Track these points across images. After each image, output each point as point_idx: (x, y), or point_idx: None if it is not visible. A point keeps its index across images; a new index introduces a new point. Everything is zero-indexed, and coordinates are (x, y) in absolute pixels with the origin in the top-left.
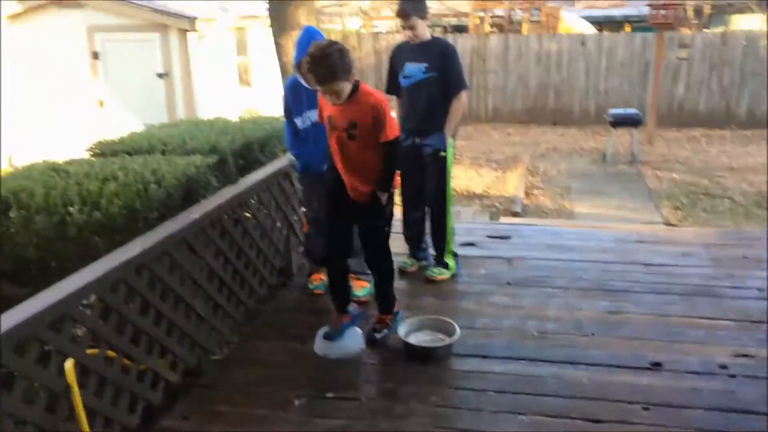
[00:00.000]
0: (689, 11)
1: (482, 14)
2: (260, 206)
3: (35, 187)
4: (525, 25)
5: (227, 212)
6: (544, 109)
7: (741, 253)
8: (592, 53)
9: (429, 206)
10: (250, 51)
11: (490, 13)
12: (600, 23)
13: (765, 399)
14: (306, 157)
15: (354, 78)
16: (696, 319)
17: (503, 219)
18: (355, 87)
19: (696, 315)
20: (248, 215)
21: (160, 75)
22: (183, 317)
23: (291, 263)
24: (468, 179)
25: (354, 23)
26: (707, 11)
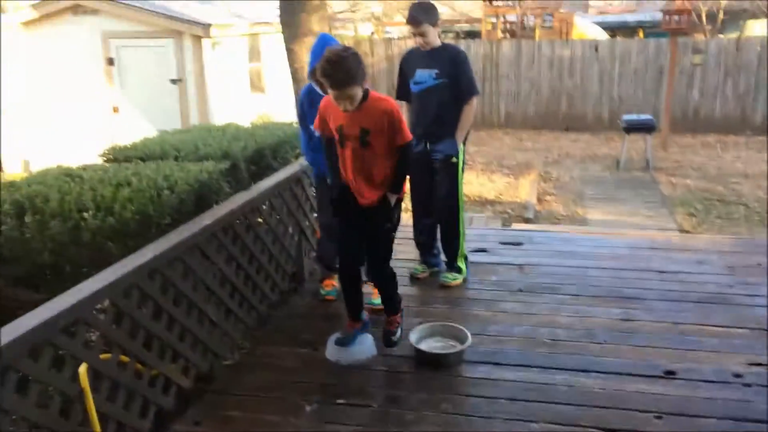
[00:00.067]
0: (703, 17)
1: (495, 20)
2: (272, 212)
3: (50, 193)
4: (538, 31)
5: (239, 218)
6: (557, 115)
7: (756, 261)
8: (606, 59)
9: (440, 212)
10: (263, 57)
11: (503, 19)
12: (613, 29)
13: None
14: (320, 164)
15: (366, 85)
16: (710, 327)
17: (515, 225)
18: (366, 94)
19: (710, 323)
20: (260, 221)
21: (174, 81)
22: (195, 322)
23: (303, 269)
24: (480, 185)
25: (366, 29)
26: (721, 17)
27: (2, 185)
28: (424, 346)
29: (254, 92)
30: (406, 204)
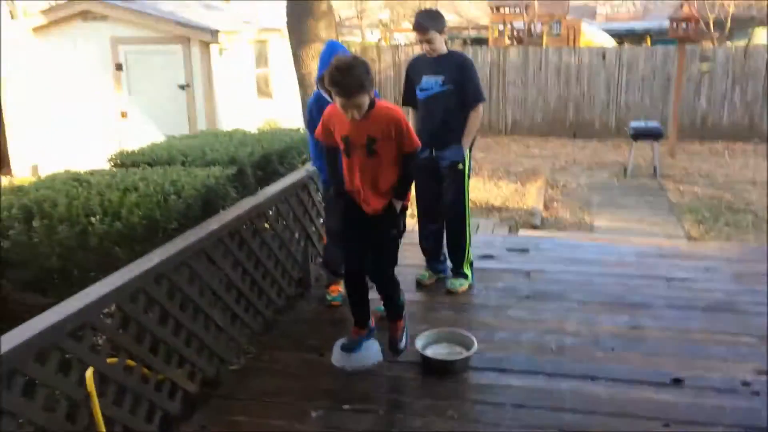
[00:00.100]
0: (711, 24)
1: (502, 27)
2: (278, 217)
3: (58, 197)
4: (545, 38)
5: (246, 223)
6: (564, 122)
7: (764, 269)
8: (613, 66)
9: (446, 218)
10: (271, 63)
11: (510, 26)
12: (621, 36)
13: None
14: None
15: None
16: (718, 335)
17: (522, 232)
18: (372, 102)
19: (718, 331)
20: (267, 226)
21: (182, 86)
22: (201, 327)
23: (309, 274)
24: (487, 191)
25: (374, 35)
26: (729, 24)
27: (11, 190)
28: (430, 353)
29: (261, 98)
30: (412, 210)
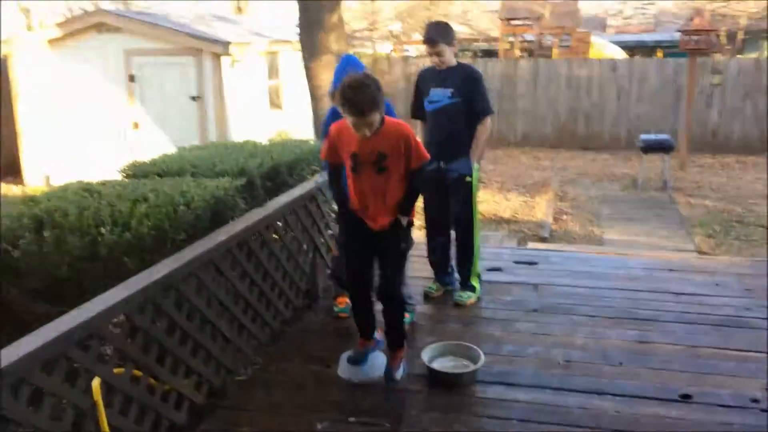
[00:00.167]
0: (722, 37)
1: (512, 39)
2: (287, 228)
3: (69, 208)
4: (555, 50)
5: (254, 234)
6: (574, 134)
7: None
8: (623, 78)
9: (455, 231)
10: (282, 74)
11: (520, 38)
12: (631, 48)
13: None
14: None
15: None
16: (727, 351)
17: (531, 244)
18: (381, 118)
19: (727, 346)
20: (275, 237)
21: (194, 98)
22: (209, 338)
23: (317, 285)
24: (496, 204)
25: (384, 47)
26: (741, 37)
27: (22, 200)
28: (437, 366)
29: (272, 109)
30: (421, 221)
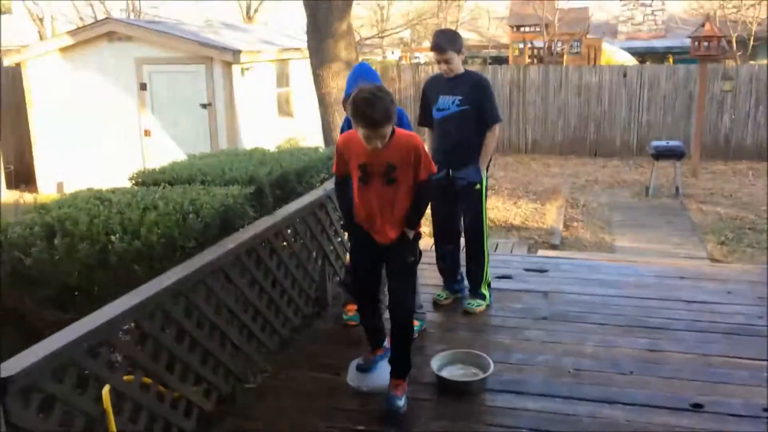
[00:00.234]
0: (733, 43)
1: (522, 46)
2: (296, 236)
3: (80, 216)
4: (565, 57)
5: (263, 242)
6: (585, 141)
7: None
8: (634, 85)
9: (465, 239)
10: (292, 82)
11: (530, 45)
12: (642, 55)
13: None
14: None
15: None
16: (739, 360)
17: (541, 252)
18: (392, 130)
19: (739, 355)
20: (284, 245)
21: (204, 105)
22: (218, 345)
23: (326, 293)
24: (506, 210)
25: (394, 55)
26: (752, 43)
27: (34, 207)
28: (446, 374)
29: (282, 116)
30: (429, 229)
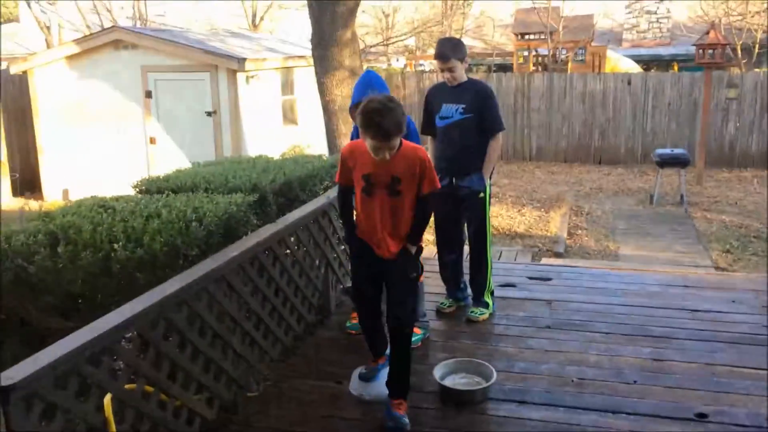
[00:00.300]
0: (738, 50)
1: (526, 53)
2: (299, 244)
3: (83, 224)
4: (570, 64)
5: (266, 250)
6: (589, 148)
7: None
8: (639, 92)
9: (468, 247)
10: (296, 90)
11: (535, 52)
12: (646, 62)
13: None
14: None
15: None
16: (744, 369)
17: (545, 260)
18: (399, 141)
19: (744, 365)
20: (287, 252)
21: (209, 113)
22: (220, 353)
23: (329, 301)
24: (510, 218)
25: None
26: (757, 50)
27: (38, 215)
28: (449, 383)
29: (287, 124)
30: (433, 237)
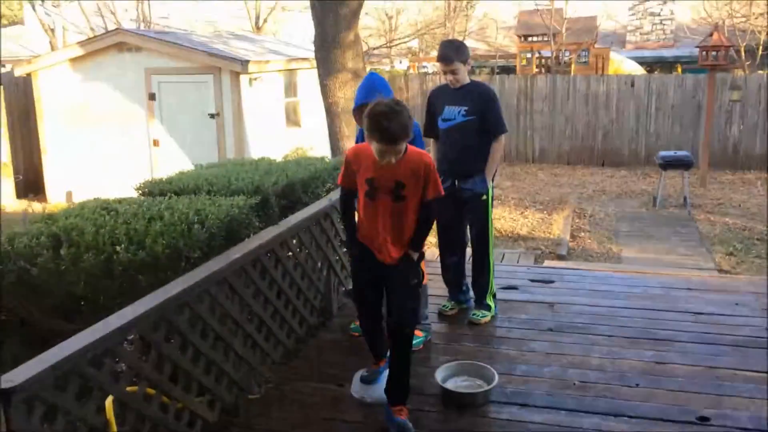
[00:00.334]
0: (742, 52)
1: (529, 55)
2: (301, 246)
3: (86, 226)
4: (573, 66)
5: (268, 252)
6: (592, 151)
7: None
8: (642, 94)
9: (471, 249)
10: (300, 92)
11: (538, 54)
12: (650, 64)
13: None
14: None
15: None
16: (747, 373)
17: (548, 262)
18: (404, 146)
19: (746, 368)
20: (289, 255)
21: (212, 115)
22: (222, 356)
23: (331, 303)
24: (512, 220)
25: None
26: (761, 52)
27: (42, 217)
28: (450, 385)
29: (290, 126)
30: (435, 239)
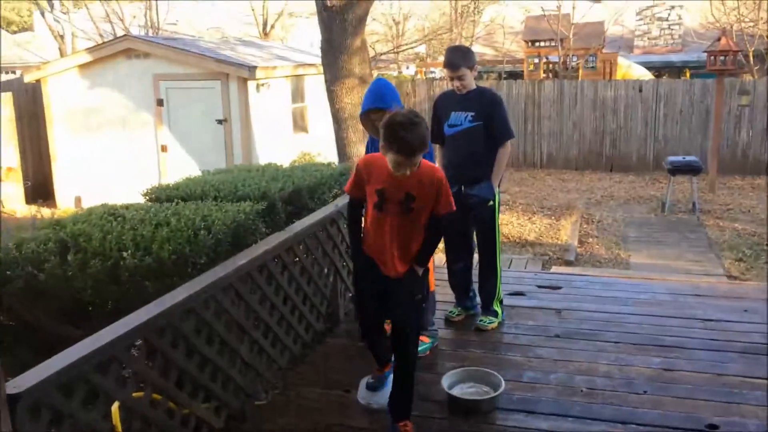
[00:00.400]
0: (750, 57)
1: (537, 60)
2: (307, 252)
3: (93, 232)
4: (581, 71)
5: (274, 258)
6: (601, 156)
7: None
8: (650, 99)
9: (478, 255)
10: (307, 97)
11: (545, 59)
12: (658, 69)
13: None
14: None
15: None
16: (755, 380)
17: (555, 268)
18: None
19: (755, 375)
20: (295, 261)
21: (220, 121)
22: (228, 362)
23: (338, 309)
24: (520, 226)
25: (409, 70)
26: None
27: (49, 223)
28: (457, 392)
29: (297, 132)
30: (442, 245)
